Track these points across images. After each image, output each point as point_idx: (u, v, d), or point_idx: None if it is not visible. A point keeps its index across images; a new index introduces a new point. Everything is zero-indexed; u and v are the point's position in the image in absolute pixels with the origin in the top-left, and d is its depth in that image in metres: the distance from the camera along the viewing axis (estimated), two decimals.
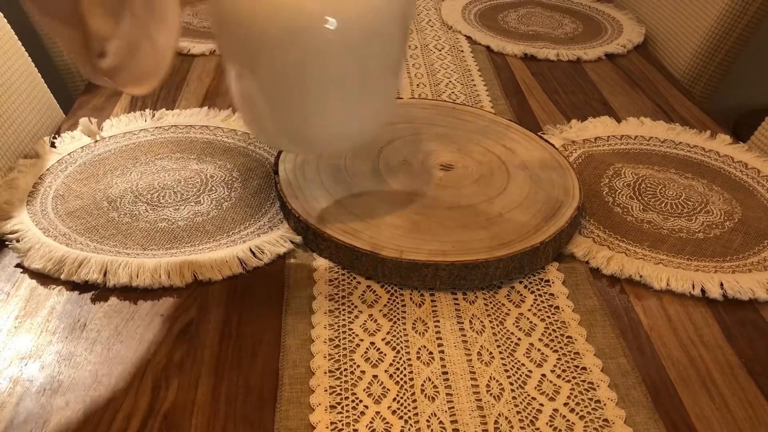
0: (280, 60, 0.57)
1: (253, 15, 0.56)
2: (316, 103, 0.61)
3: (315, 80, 0.59)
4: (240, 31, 0.58)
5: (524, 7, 1.34)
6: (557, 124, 0.94)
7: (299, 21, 0.55)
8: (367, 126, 0.66)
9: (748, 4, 1.15)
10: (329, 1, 0.55)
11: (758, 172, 0.85)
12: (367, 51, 0.59)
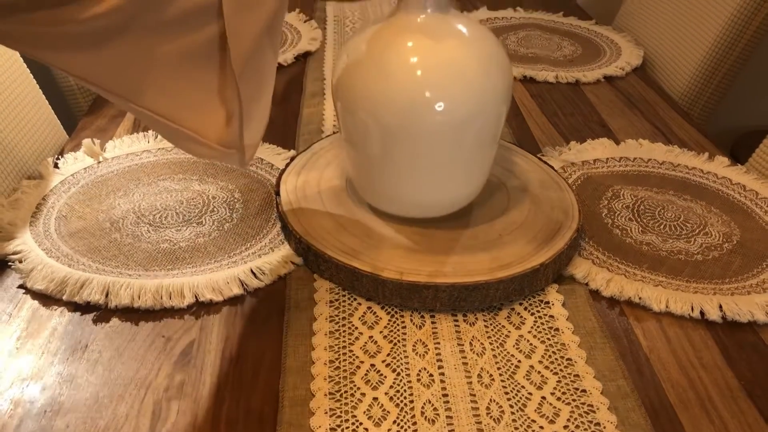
0: (394, 137, 0.66)
1: (375, 98, 0.65)
2: (423, 175, 0.69)
3: (424, 155, 0.67)
4: (361, 112, 0.66)
5: (523, 30, 1.35)
6: (556, 146, 0.94)
7: (414, 105, 0.64)
8: (466, 192, 0.73)
9: (745, 27, 1.17)
10: (441, 90, 0.64)
11: (756, 194, 0.85)
12: (470, 129, 0.66)
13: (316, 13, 1.39)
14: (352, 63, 0.67)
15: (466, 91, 0.65)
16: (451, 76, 0.64)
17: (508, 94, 0.68)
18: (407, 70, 0.64)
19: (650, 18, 1.37)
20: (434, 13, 0.65)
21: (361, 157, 0.71)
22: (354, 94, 0.66)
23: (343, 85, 0.67)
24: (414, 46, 0.65)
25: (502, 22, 1.39)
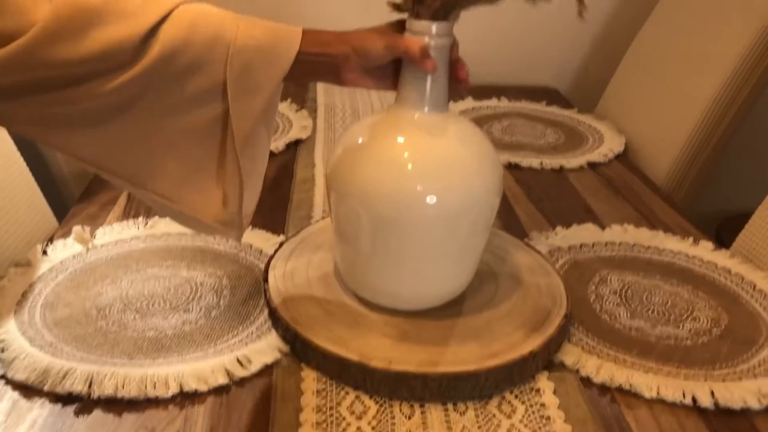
0: (385, 229, 0.67)
1: (368, 190, 0.66)
2: (413, 268, 0.69)
3: (415, 247, 0.68)
4: (354, 203, 0.67)
5: (508, 119, 1.39)
6: (543, 231, 0.95)
7: (406, 198, 0.65)
8: (455, 285, 0.73)
9: (724, 112, 1.20)
10: (433, 184, 0.65)
11: (742, 278, 0.86)
12: (462, 222, 0.67)
13: (308, 103, 1.43)
14: (347, 154, 0.69)
15: (458, 186, 0.66)
16: (444, 171, 0.66)
17: (499, 188, 0.70)
18: (400, 163, 0.66)
19: (631, 106, 1.42)
20: (431, 112, 0.68)
21: (351, 249, 0.71)
22: (348, 185, 0.68)
23: (338, 175, 0.69)
24: (409, 141, 0.67)
25: (487, 111, 1.43)
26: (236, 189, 0.65)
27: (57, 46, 0.55)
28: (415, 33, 0.65)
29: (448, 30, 0.66)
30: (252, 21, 0.62)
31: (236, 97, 0.61)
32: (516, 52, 1.65)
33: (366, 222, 0.67)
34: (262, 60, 0.61)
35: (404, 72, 0.68)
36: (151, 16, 0.58)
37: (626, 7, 1.61)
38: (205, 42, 0.60)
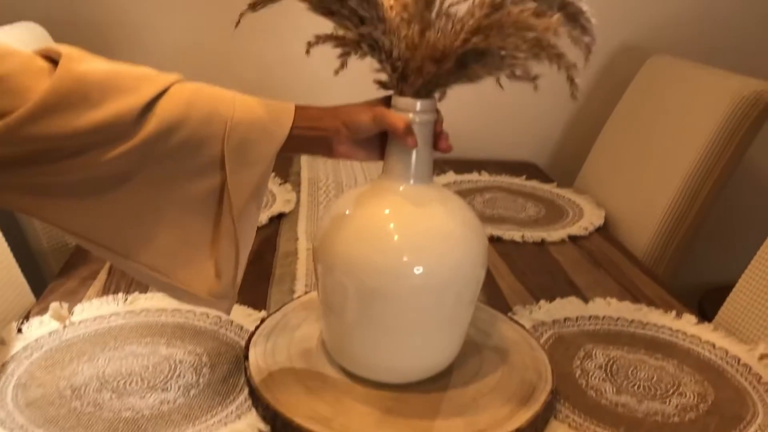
0: (372, 300, 0.67)
1: (355, 261, 0.67)
2: (400, 339, 0.69)
3: (401, 318, 0.68)
4: (340, 274, 0.68)
5: (489, 192, 1.41)
6: (526, 304, 0.95)
7: (393, 269, 0.66)
8: (442, 358, 0.73)
9: (702, 185, 1.23)
10: (419, 255, 0.66)
11: (726, 352, 0.86)
12: (448, 293, 0.68)
13: (291, 177, 1.44)
14: (334, 226, 0.69)
15: (445, 257, 0.67)
16: (430, 242, 0.67)
17: (484, 259, 0.71)
18: (386, 234, 0.67)
19: (609, 180, 1.45)
20: (416, 184, 0.69)
21: (338, 321, 0.71)
22: (334, 257, 0.68)
23: (325, 247, 0.69)
24: (395, 212, 0.68)
25: (469, 185, 1.45)
26: (231, 261, 0.65)
27: (53, 120, 0.56)
28: (400, 109, 0.67)
29: (432, 107, 0.68)
30: (247, 98, 0.65)
31: (234, 170, 0.63)
32: (496, 128, 1.69)
33: (352, 293, 0.67)
34: (258, 135, 0.64)
35: (390, 145, 0.70)
36: (149, 91, 0.60)
37: (601, 84, 1.66)
38: (202, 117, 0.62)
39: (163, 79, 0.62)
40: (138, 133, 0.59)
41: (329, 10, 0.64)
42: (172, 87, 0.62)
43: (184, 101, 0.62)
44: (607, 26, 1.71)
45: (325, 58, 0.70)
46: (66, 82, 0.56)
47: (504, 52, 0.62)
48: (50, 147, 0.57)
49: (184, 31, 1.53)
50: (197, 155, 0.62)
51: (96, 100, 0.57)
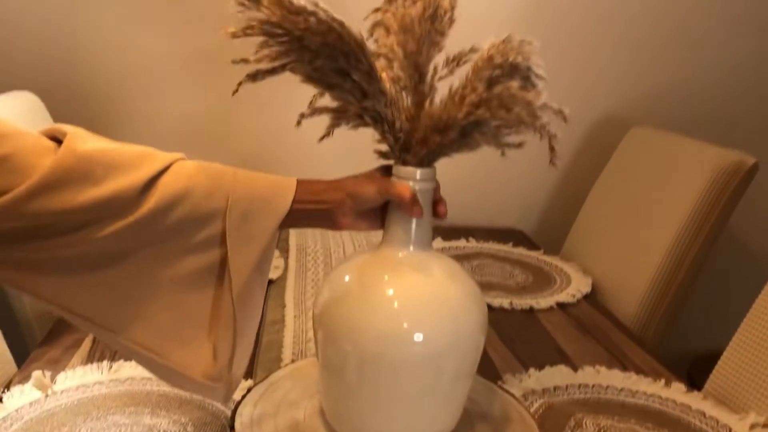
0: (372, 366, 0.66)
1: (356, 327, 0.66)
2: (400, 406, 0.68)
3: (402, 384, 0.67)
4: (341, 340, 0.67)
5: (477, 259, 1.42)
6: (516, 373, 0.95)
7: (393, 336, 0.66)
8: (442, 426, 0.72)
9: (686, 252, 1.25)
10: (419, 321, 0.66)
11: (717, 421, 0.85)
12: (448, 360, 0.68)
13: (279, 243, 1.44)
14: (335, 293, 0.70)
15: (445, 323, 0.67)
16: (430, 308, 0.67)
17: (484, 326, 0.71)
18: (386, 301, 0.67)
19: (595, 248, 1.46)
20: (416, 251, 0.70)
21: (337, 386, 0.70)
22: (335, 324, 0.68)
23: (326, 314, 0.69)
24: (395, 279, 0.69)
25: (457, 251, 1.46)
26: (228, 341, 0.64)
27: (54, 196, 0.56)
28: (402, 178, 0.69)
29: (432, 175, 0.70)
30: (248, 172, 0.66)
31: (235, 245, 0.63)
32: (482, 195, 1.72)
33: (353, 359, 0.67)
34: (259, 209, 0.64)
35: (391, 213, 0.71)
36: (151, 168, 0.60)
37: (585, 153, 1.70)
38: (204, 192, 0.62)
39: (166, 156, 0.63)
40: (139, 209, 0.59)
41: (329, 84, 0.66)
42: (174, 164, 0.62)
43: (186, 177, 0.62)
44: (590, 98, 1.77)
45: (321, 128, 0.72)
46: (68, 160, 0.57)
47: (500, 122, 0.65)
48: (51, 222, 0.57)
49: (180, 102, 1.56)
50: (198, 231, 0.62)
51: (98, 177, 0.58)
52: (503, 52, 0.65)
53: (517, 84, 0.64)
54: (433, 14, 0.67)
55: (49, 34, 1.47)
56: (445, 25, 0.68)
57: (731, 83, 1.68)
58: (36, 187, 0.55)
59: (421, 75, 0.68)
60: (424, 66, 0.68)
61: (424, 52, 0.68)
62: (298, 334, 1.03)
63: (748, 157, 1.22)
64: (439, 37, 0.68)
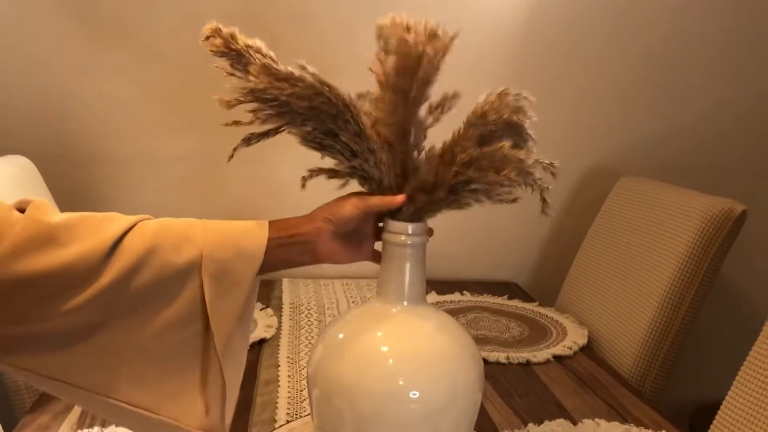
0: (368, 425, 0.65)
1: (350, 385, 0.66)
2: None
3: None
4: (336, 399, 0.66)
5: (472, 312, 1.41)
6: (515, 428, 0.93)
7: (389, 394, 0.65)
8: None
9: (680, 301, 1.24)
10: (415, 378, 0.66)
11: None
12: (445, 417, 0.67)
13: (272, 301, 1.43)
14: (329, 351, 0.69)
15: (441, 380, 0.66)
16: (426, 364, 0.67)
17: (481, 381, 0.70)
18: (381, 358, 0.67)
19: (589, 299, 1.46)
20: (410, 305, 0.70)
21: None
22: (330, 383, 0.67)
23: (320, 372, 0.68)
24: (389, 335, 0.68)
25: (451, 305, 1.45)
26: (218, 393, 0.63)
27: (18, 262, 0.54)
28: (393, 233, 0.69)
29: (423, 229, 0.70)
30: (217, 222, 0.65)
31: (213, 297, 0.61)
32: (476, 249, 1.72)
33: (348, 418, 0.66)
34: (234, 256, 0.62)
35: (383, 266, 0.71)
36: (115, 229, 0.59)
37: (576, 204, 1.71)
38: (172, 246, 0.61)
39: (130, 217, 0.62)
40: (107, 271, 0.58)
41: (321, 145, 0.67)
42: (138, 223, 0.62)
43: (152, 233, 0.61)
44: (580, 148, 1.79)
45: (311, 186, 0.72)
46: (32, 226, 0.56)
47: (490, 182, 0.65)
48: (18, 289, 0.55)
49: (169, 164, 1.57)
50: (174, 286, 0.61)
51: (62, 241, 0.56)
52: (497, 109, 0.65)
53: (509, 144, 0.65)
54: (413, 66, 0.65)
55: (41, 99, 1.49)
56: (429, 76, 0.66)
57: (720, 130, 1.71)
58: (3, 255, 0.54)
59: (404, 132, 0.68)
60: (406, 122, 0.68)
61: (404, 108, 0.67)
62: (293, 394, 1.01)
63: (737, 204, 1.23)
64: (422, 90, 0.66)
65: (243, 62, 0.63)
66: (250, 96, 0.62)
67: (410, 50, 0.64)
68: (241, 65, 0.63)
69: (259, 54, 0.63)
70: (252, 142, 0.67)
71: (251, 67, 0.62)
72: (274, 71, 0.62)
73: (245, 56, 0.63)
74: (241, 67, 0.63)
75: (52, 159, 1.50)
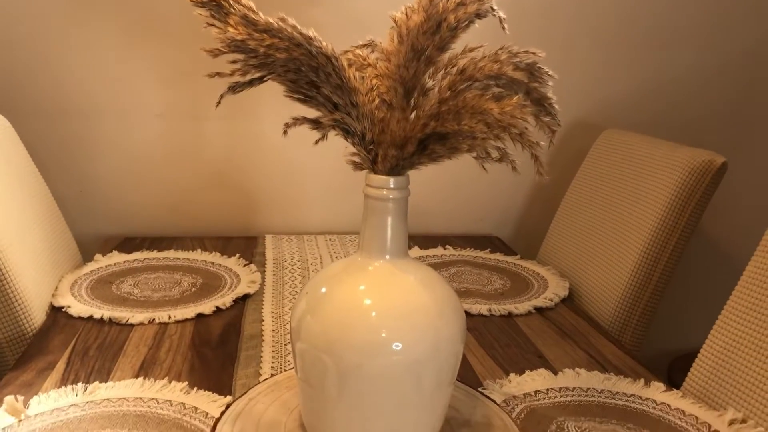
0: (351, 377, 0.66)
1: (333, 339, 0.66)
2: (380, 416, 0.68)
3: (381, 395, 0.67)
4: (319, 352, 0.67)
5: (454, 266, 1.42)
6: (497, 378, 0.95)
7: (372, 346, 0.66)
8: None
9: (660, 252, 1.26)
10: (398, 330, 0.66)
11: (696, 419, 0.86)
12: (427, 368, 0.67)
13: (256, 257, 1.43)
14: (311, 305, 0.69)
15: (423, 332, 0.67)
16: (408, 317, 0.67)
17: (463, 333, 0.71)
18: (364, 311, 0.67)
19: (571, 251, 1.47)
20: (392, 259, 0.70)
21: (317, 398, 0.69)
22: (313, 336, 0.67)
23: (303, 326, 0.69)
24: (372, 288, 0.69)
25: (434, 260, 1.46)
26: None
27: None
28: (374, 187, 0.69)
29: (405, 183, 0.70)
30: None
31: None
32: (458, 203, 1.72)
33: (332, 371, 0.66)
34: None
35: (366, 221, 0.70)
36: None
37: (558, 157, 1.71)
38: None
39: None
40: None
41: (305, 96, 0.66)
42: None
43: None
44: (562, 103, 1.78)
45: (293, 138, 0.71)
46: None
47: (462, 134, 0.65)
48: None
49: (149, 119, 1.54)
50: None
51: None
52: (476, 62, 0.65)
53: (474, 93, 0.64)
54: (435, 28, 0.65)
55: (11, 53, 1.45)
56: (445, 41, 0.66)
57: (702, 84, 1.71)
58: None
59: (407, 90, 0.68)
60: (410, 81, 0.67)
61: (412, 67, 0.66)
62: (277, 348, 1.02)
63: (718, 156, 1.23)
64: (437, 52, 0.66)
65: (223, 12, 0.62)
66: (231, 46, 0.61)
67: (436, 13, 0.64)
68: (220, 15, 0.62)
69: (238, 4, 0.61)
70: (237, 90, 0.66)
71: (230, 17, 0.61)
72: (253, 22, 0.61)
73: (224, 6, 0.61)
74: (220, 17, 0.62)
75: (27, 115, 1.47)
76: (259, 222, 1.65)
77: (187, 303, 1.17)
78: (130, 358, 0.97)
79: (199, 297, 1.20)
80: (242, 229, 1.65)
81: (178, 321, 1.10)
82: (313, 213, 1.67)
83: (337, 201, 1.66)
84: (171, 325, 1.09)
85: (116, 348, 1.00)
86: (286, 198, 1.64)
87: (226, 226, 1.64)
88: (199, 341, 1.03)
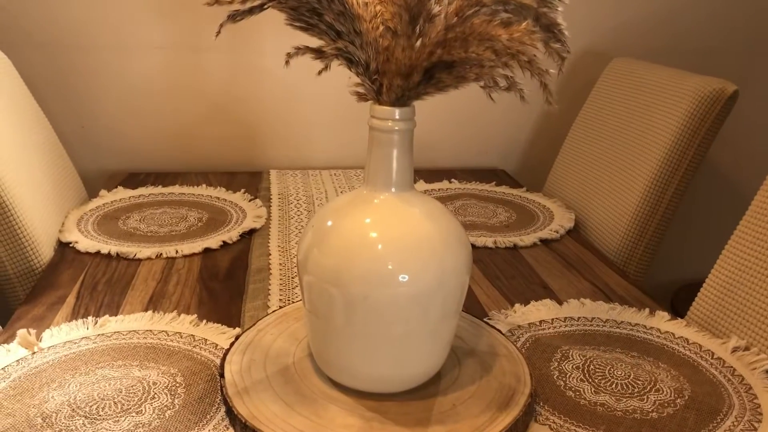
0: (358, 308, 0.66)
1: (340, 271, 0.66)
2: (386, 347, 0.69)
3: (388, 326, 0.67)
4: (326, 284, 0.67)
5: (460, 200, 1.42)
6: (502, 309, 0.95)
7: (378, 278, 0.66)
8: (428, 366, 0.73)
9: (667, 184, 1.25)
10: (404, 262, 0.66)
11: (700, 347, 0.87)
12: (434, 300, 0.68)
13: (261, 193, 1.43)
14: (318, 237, 0.69)
15: (429, 263, 0.67)
16: (414, 249, 0.67)
17: (469, 265, 0.71)
18: (370, 243, 0.67)
19: (577, 183, 1.46)
20: (398, 192, 0.69)
21: (324, 329, 0.70)
22: (319, 268, 0.68)
23: (309, 258, 0.69)
24: (378, 221, 0.69)
25: (439, 193, 1.45)
26: None
27: None
28: (379, 118, 0.67)
29: (410, 114, 0.68)
30: None
31: None
32: (463, 136, 1.70)
33: (339, 302, 0.67)
34: None
35: (371, 155, 0.70)
36: None
37: (565, 88, 1.68)
38: None
39: None
40: None
41: (307, 24, 0.64)
42: None
43: None
44: (572, 30, 1.74)
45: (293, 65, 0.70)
46: None
47: (470, 62, 0.63)
48: None
49: (150, 52, 1.51)
50: None
51: None
52: None
53: (482, 19, 0.62)
54: None
55: None
56: None
57: (714, 11, 1.66)
58: None
59: (412, 16, 0.65)
60: (415, 6, 0.65)
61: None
62: (285, 281, 1.03)
63: (729, 84, 1.21)
64: None
65: None
66: None
67: None
68: None
69: None
70: (237, 19, 0.64)
71: None
72: None
73: None
74: None
75: (26, 49, 1.44)
76: (264, 157, 1.64)
77: (194, 237, 1.17)
78: (139, 292, 0.98)
79: (205, 232, 1.20)
80: (247, 164, 1.64)
81: (185, 255, 1.10)
82: (317, 147, 1.65)
83: (341, 134, 1.64)
84: (178, 259, 1.09)
85: (125, 282, 1.01)
86: (290, 131, 1.63)
87: (231, 161, 1.63)
88: (207, 275, 1.04)
